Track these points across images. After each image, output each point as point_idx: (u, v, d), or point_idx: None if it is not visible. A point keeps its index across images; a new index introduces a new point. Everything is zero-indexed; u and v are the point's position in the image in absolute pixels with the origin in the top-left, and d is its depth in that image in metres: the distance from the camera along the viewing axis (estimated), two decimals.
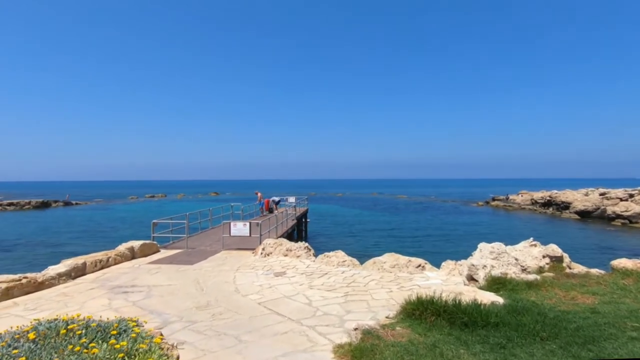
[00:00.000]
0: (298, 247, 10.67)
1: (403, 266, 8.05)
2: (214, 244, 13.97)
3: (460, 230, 30.03)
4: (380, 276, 7.64)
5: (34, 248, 23.26)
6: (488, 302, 4.45)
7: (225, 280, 8.31)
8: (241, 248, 13.07)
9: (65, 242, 25.07)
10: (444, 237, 26.59)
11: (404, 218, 39.04)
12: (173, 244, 14.12)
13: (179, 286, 7.85)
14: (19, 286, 7.44)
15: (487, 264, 5.67)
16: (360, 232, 29.27)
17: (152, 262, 10.73)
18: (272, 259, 10.35)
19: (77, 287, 8.04)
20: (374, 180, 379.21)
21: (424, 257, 9.28)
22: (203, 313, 5.87)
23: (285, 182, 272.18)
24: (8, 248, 23.08)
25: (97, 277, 8.97)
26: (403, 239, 25.88)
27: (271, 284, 7.69)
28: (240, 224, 13.20)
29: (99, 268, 9.73)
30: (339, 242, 24.38)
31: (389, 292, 6.39)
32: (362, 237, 26.62)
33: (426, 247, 22.70)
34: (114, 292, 7.48)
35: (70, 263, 9.00)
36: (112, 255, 10.46)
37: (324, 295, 6.38)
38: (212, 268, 9.75)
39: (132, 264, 10.56)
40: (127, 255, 11.08)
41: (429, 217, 39.50)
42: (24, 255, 20.91)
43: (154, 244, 12.54)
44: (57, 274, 8.39)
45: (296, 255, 10.38)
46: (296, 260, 10.01)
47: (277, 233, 16.03)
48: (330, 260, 9.49)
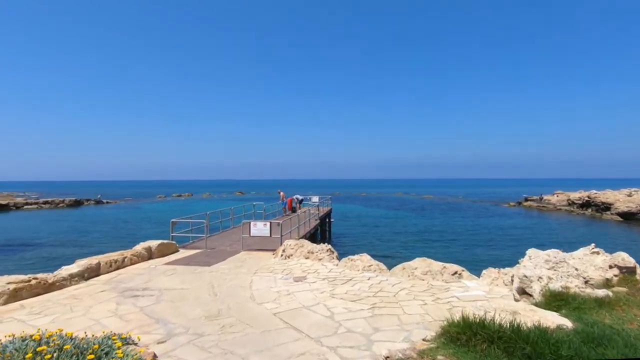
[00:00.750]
0: (320, 249, 9.96)
1: (437, 273, 7.17)
2: (234, 244, 13.49)
3: (495, 233, 28.26)
4: (411, 284, 6.80)
5: (63, 245, 23.70)
6: (553, 326, 3.57)
7: (241, 284, 7.70)
8: (261, 249, 12.51)
9: (93, 241, 25.46)
10: (478, 241, 24.95)
11: (432, 219, 37.49)
12: (192, 243, 13.74)
13: (191, 290, 7.30)
14: (28, 287, 7.10)
15: (543, 275, 4.75)
16: (386, 233, 28.12)
17: (169, 263, 10.30)
18: (293, 262, 9.68)
19: (88, 289, 7.65)
20: (398, 180, 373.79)
21: (457, 263, 8.38)
22: (212, 324, 5.25)
23: (308, 181, 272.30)
24: (39, 245, 23.63)
25: (110, 278, 8.59)
26: (432, 242, 24.56)
27: (290, 290, 7.00)
28: (261, 224, 12.64)
29: (114, 269, 9.37)
30: (364, 244, 23.44)
31: (422, 304, 5.55)
32: (388, 240, 25.46)
33: (459, 252, 21.32)
34: (124, 296, 7.02)
35: (83, 263, 8.66)
36: (128, 255, 10.10)
37: (347, 307, 5.62)
38: (229, 270, 9.19)
39: (149, 264, 10.17)
40: (144, 256, 10.71)
41: (459, 219, 37.74)
42: (51, 253, 21.27)
43: (172, 244, 12.16)
44: (69, 275, 8.04)
45: (318, 258, 9.67)
46: (318, 264, 9.30)
47: (299, 234, 15.40)
48: (355, 265, 8.71)
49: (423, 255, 8.72)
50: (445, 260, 8.32)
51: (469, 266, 8.28)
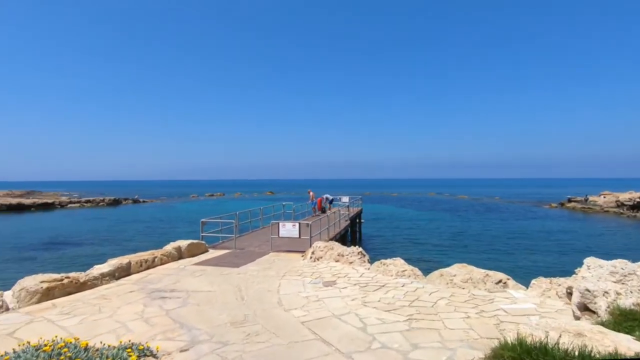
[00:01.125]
0: (351, 252, 9.54)
1: (479, 281, 6.58)
2: (262, 245, 13.33)
3: (539, 237, 26.12)
4: (451, 293, 6.25)
5: (102, 243, 24.63)
6: (630, 353, 3.00)
7: (269, 288, 7.43)
8: (290, 250, 12.26)
9: (129, 239, 26.31)
10: (520, 246, 23.23)
11: (468, 221, 35.79)
12: (222, 243, 13.71)
13: (218, 293, 7.11)
14: (60, 286, 7.17)
15: (609, 289, 4.11)
16: (419, 236, 27.00)
17: (198, 264, 10.24)
18: (322, 265, 9.33)
19: (118, 289, 7.64)
20: (430, 180, 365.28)
21: (500, 270, 7.72)
22: (237, 331, 4.98)
23: (338, 181, 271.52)
24: (80, 243, 24.69)
25: (140, 278, 8.59)
26: (470, 246, 23.23)
27: (319, 296, 6.65)
28: (290, 225, 12.39)
29: (144, 268, 9.40)
30: (396, 247, 22.68)
31: (465, 317, 5.02)
32: (421, 242, 24.38)
33: (499, 258, 19.88)
34: (151, 297, 6.93)
35: (114, 263, 8.72)
36: (158, 255, 10.13)
37: (381, 317, 5.18)
38: (257, 272, 8.97)
39: (178, 264, 10.15)
40: (174, 255, 10.73)
41: (498, 221, 35.83)
42: (90, 251, 22.11)
43: (202, 244, 12.15)
44: (100, 274, 8.09)
45: (349, 262, 9.26)
46: (348, 268, 8.89)
47: (329, 235, 15.05)
48: (388, 269, 8.23)
49: (460, 261, 8.14)
50: (486, 267, 7.69)
51: (513, 274, 7.60)
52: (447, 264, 8.12)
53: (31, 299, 6.68)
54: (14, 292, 6.75)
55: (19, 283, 6.95)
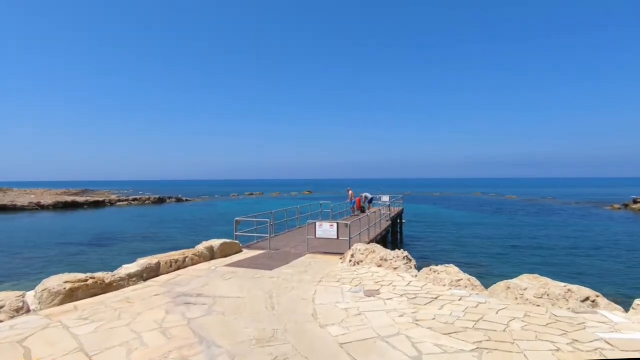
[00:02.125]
0: (396, 256, 8.49)
1: (558, 298, 5.32)
2: (298, 246, 12.59)
3: (610, 243, 22.75)
4: (524, 313, 5.06)
5: (144, 240, 25.15)
6: None
7: (303, 296, 6.59)
8: (327, 252, 11.40)
9: (170, 236, 26.71)
10: (591, 254, 19.96)
11: (522, 223, 32.61)
12: (257, 243, 13.13)
13: (247, 300, 6.37)
14: (84, 288, 6.76)
15: None
16: (468, 239, 24.68)
17: (230, 265, 9.64)
18: (363, 270, 8.35)
19: (144, 291, 7.14)
20: (471, 179, 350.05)
21: (574, 281, 6.37)
22: (263, 353, 4.17)
23: (377, 180, 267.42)
24: (122, 239, 25.37)
25: (168, 279, 8.08)
26: (529, 251, 20.62)
27: (360, 308, 5.70)
28: (327, 225, 11.51)
29: (174, 269, 8.92)
30: (442, 250, 20.95)
31: (555, 350, 3.83)
32: (471, 247, 22.15)
33: (570, 266, 17.14)
34: (175, 303, 6.32)
35: (143, 263, 8.28)
36: (189, 255, 9.64)
37: (440, 343, 4.14)
38: (291, 277, 8.17)
39: (209, 265, 9.61)
40: (206, 256, 10.21)
41: (557, 224, 32.38)
42: (132, 248, 22.56)
43: (235, 244, 11.59)
44: (127, 275, 7.66)
45: (393, 267, 8.22)
46: (393, 274, 7.86)
47: (369, 236, 14.02)
48: (439, 278, 7.11)
49: (519, 269, 6.96)
50: (555, 278, 6.36)
51: (595, 288, 6.20)
52: (505, 273, 6.95)
53: (53, 300, 6.30)
54: (36, 292, 6.41)
55: (43, 283, 6.61)
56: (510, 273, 13.57)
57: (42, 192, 78.00)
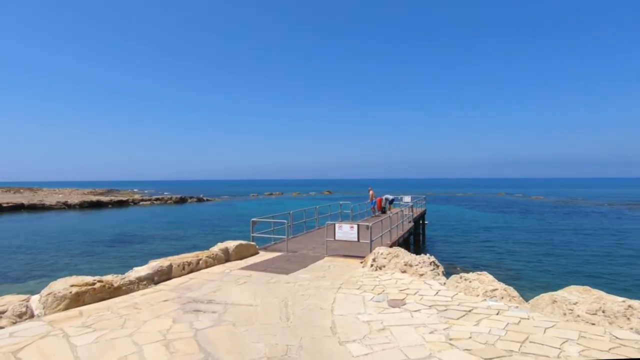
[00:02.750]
0: (421, 261, 7.83)
1: (617, 316, 4.57)
2: (317, 248, 12.07)
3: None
4: (578, 333, 4.34)
5: (164, 239, 25.21)
6: None
7: (321, 305, 6.04)
8: (348, 255, 10.83)
9: (188, 236, 26.71)
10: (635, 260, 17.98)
11: (553, 226, 30.31)
12: (273, 245, 12.69)
13: (260, 309, 5.88)
14: (92, 292, 6.43)
15: None
16: (497, 242, 23.24)
17: (245, 268, 9.20)
18: (386, 276, 7.74)
19: (153, 296, 6.76)
20: (494, 179, 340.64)
21: (626, 294, 5.57)
22: None
23: (397, 181, 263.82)
24: (142, 239, 25.51)
25: (180, 283, 7.70)
26: (566, 257, 18.73)
27: (384, 322, 5.11)
28: (347, 226, 10.94)
29: (186, 272, 8.54)
30: (468, 254, 19.77)
31: None
32: (502, 251, 20.66)
33: (615, 275, 15.28)
34: (184, 310, 5.90)
35: (154, 265, 7.93)
36: (203, 257, 9.26)
37: None
38: (308, 282, 7.64)
39: (224, 268, 9.20)
40: (221, 258, 9.82)
41: (592, 226, 30.38)
42: (146, 248, 22.58)
43: (251, 245, 11.18)
44: (137, 278, 7.31)
45: (418, 274, 7.57)
46: (418, 281, 7.21)
47: (391, 238, 13.36)
48: (471, 287, 6.43)
49: (559, 278, 6.14)
50: (600, 289, 5.56)
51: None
52: (542, 282, 6.30)
53: (58, 305, 5.98)
54: (41, 296, 6.11)
55: (50, 286, 6.32)
56: (548, 282, 12.47)
57: (69, 192, 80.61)
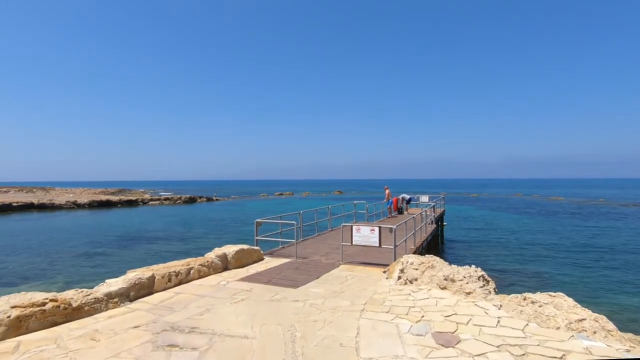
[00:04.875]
0: (467, 275, 6.12)
1: None
2: (331, 253, 10.46)
3: None
4: None
5: (167, 240, 23.87)
6: None
7: (341, 339, 4.42)
8: (367, 263, 9.19)
9: (194, 237, 25.33)
10: None
11: (584, 229, 27.70)
12: (281, 249, 11.13)
13: (257, 345, 4.28)
14: (39, 314, 4.92)
15: None
16: (524, 246, 20.99)
17: (245, 279, 7.63)
18: (421, 294, 6.06)
19: (122, 319, 5.23)
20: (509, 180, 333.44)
21: None
22: None
23: (410, 181, 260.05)
24: (146, 239, 24.22)
25: (162, 300, 6.16)
26: (609, 262, 16.58)
27: None
28: (367, 229, 9.28)
29: (173, 284, 7.01)
30: (494, 258, 17.71)
31: None
32: (530, 255, 18.53)
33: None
34: (154, 344, 4.34)
35: (132, 277, 6.40)
36: (195, 265, 7.71)
37: None
38: (322, 301, 6.02)
39: (220, 279, 7.64)
40: (217, 266, 8.26)
41: (624, 229, 28.14)
42: (150, 248, 21.24)
43: (255, 250, 9.61)
44: (107, 295, 5.78)
45: (464, 292, 5.87)
46: (466, 302, 5.52)
47: (415, 242, 11.67)
48: (544, 314, 4.73)
49: (605, 288, 4.37)
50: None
51: None
52: (596, 298, 4.37)
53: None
54: None
55: None
56: (597, 293, 10.34)
57: (81, 192, 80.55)
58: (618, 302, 10.97)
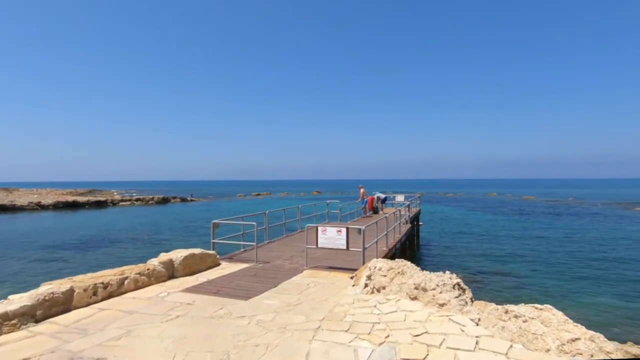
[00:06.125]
0: (440, 283, 5.30)
1: None
2: (296, 257, 9.55)
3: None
4: None
5: (132, 243, 22.35)
6: None
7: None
8: (334, 267, 8.33)
9: (162, 239, 23.88)
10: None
11: (557, 227, 27.71)
12: (243, 253, 10.14)
13: None
14: None
15: None
16: (500, 246, 20.59)
17: (190, 289, 6.60)
18: (388, 307, 5.21)
19: (12, 347, 4.16)
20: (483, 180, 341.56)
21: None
22: None
23: (387, 181, 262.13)
24: (108, 242, 22.61)
25: (77, 319, 5.07)
26: (584, 262, 16.30)
27: None
28: (333, 230, 8.39)
29: (100, 298, 5.90)
30: (471, 259, 17.22)
31: None
32: (505, 254, 18.21)
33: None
34: None
35: (42, 292, 5.27)
36: (131, 275, 6.61)
37: None
38: (272, 317, 5.08)
39: (161, 289, 6.58)
40: (161, 274, 7.18)
41: (587, 226, 28.65)
42: (114, 251, 19.73)
43: (209, 255, 8.56)
44: (2, 315, 4.64)
45: (437, 303, 5.05)
46: (440, 316, 4.70)
47: (387, 243, 10.88)
48: (530, 332, 3.95)
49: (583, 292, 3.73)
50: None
51: None
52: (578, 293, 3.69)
53: None
54: None
55: None
56: (578, 293, 9.88)
57: (47, 192, 76.38)
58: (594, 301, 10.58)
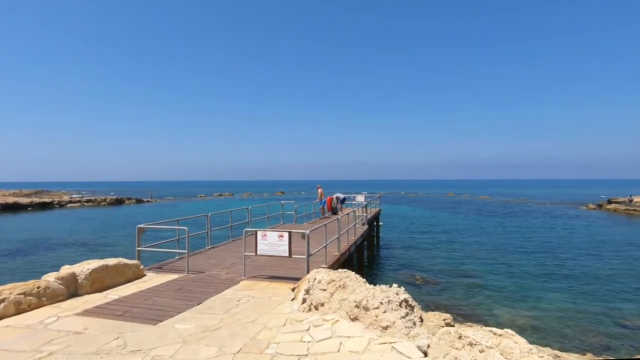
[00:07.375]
0: (385, 299, 4.47)
1: None
2: (237, 264, 8.52)
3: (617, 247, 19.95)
4: None
5: (72, 248, 20.16)
6: None
7: None
8: (276, 277, 7.39)
9: (107, 243, 21.82)
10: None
11: (508, 225, 28.88)
12: (177, 261, 8.95)
13: None
14: None
15: None
16: (458, 245, 20.86)
17: (88, 312, 5.38)
18: (322, 331, 4.32)
19: None
20: (443, 181, 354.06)
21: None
22: None
23: (349, 182, 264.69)
24: (46, 247, 20.26)
25: None
26: (538, 259, 16.79)
27: None
28: (274, 235, 7.42)
29: None
30: (430, 259, 16.97)
31: None
32: (463, 255, 18.16)
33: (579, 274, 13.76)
34: None
35: None
36: (12, 295, 5.29)
37: None
38: (175, 350, 4.04)
39: (51, 312, 5.33)
40: (57, 292, 5.88)
41: (545, 224, 29.50)
42: (49, 257, 17.60)
43: (130, 265, 7.32)
44: None
45: (381, 325, 4.23)
46: (381, 344, 3.87)
47: (340, 247, 10.05)
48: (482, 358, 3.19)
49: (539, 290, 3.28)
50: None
51: None
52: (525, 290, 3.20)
53: None
54: None
55: None
56: (525, 289, 9.80)
57: None
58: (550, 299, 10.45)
